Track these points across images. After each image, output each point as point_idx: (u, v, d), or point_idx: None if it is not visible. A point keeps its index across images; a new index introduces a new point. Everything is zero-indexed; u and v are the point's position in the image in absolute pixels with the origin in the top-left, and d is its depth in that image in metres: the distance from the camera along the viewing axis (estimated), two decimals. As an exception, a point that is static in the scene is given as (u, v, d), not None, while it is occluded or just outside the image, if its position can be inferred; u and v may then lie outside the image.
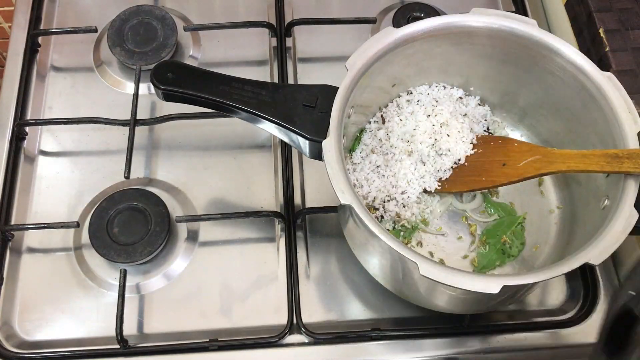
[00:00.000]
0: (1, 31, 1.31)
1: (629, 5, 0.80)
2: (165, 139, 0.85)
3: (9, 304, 0.74)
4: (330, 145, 0.61)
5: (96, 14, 0.95)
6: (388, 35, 0.67)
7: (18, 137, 0.83)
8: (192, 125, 0.85)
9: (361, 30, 0.92)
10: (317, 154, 0.65)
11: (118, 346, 0.71)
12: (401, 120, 0.74)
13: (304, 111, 0.65)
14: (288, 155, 0.82)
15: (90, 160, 0.83)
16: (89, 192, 0.81)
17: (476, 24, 0.68)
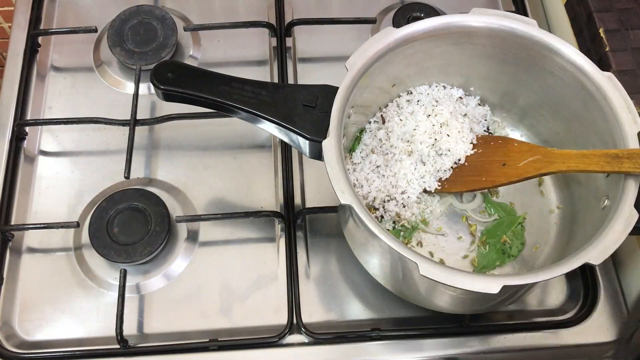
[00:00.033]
0: (1, 31, 1.31)
1: (629, 5, 0.80)
2: (165, 139, 0.85)
3: (9, 304, 0.74)
4: (330, 145, 0.61)
5: (96, 14, 0.95)
6: (388, 35, 0.67)
7: (18, 137, 0.83)
8: (192, 125, 0.85)
9: (361, 30, 0.92)
10: (317, 154, 0.65)
11: (118, 346, 0.71)
12: (401, 120, 0.74)
13: (304, 111, 0.65)
14: (288, 155, 0.82)
15: (90, 160, 0.83)
16: (89, 192, 0.81)
17: (476, 24, 0.68)
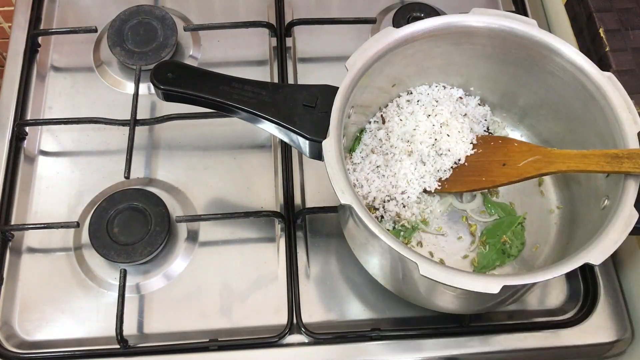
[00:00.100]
0: (1, 31, 1.31)
1: (629, 5, 0.80)
2: (165, 139, 0.85)
3: (9, 304, 0.74)
4: (330, 145, 0.61)
5: (96, 14, 0.95)
6: (388, 35, 0.67)
7: (18, 137, 0.83)
8: (192, 125, 0.85)
9: (361, 30, 0.92)
10: (317, 154, 0.65)
11: (118, 346, 0.71)
12: (401, 120, 0.74)
13: (304, 111, 0.65)
14: (288, 155, 0.82)
15: (90, 160, 0.83)
16: (89, 192, 0.81)
17: (476, 24, 0.68)
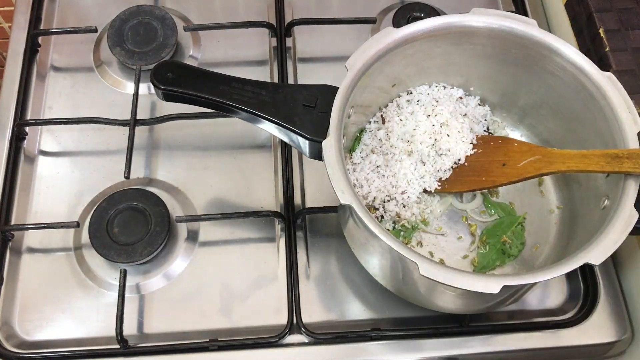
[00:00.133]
0: (1, 31, 1.31)
1: (629, 5, 0.80)
2: (165, 139, 0.85)
3: (9, 304, 0.74)
4: (330, 145, 0.61)
5: (96, 14, 0.95)
6: (388, 35, 0.67)
7: (18, 137, 0.83)
8: (192, 125, 0.84)
9: (361, 30, 0.92)
10: (317, 154, 0.65)
11: (118, 346, 0.71)
12: (401, 120, 0.74)
13: (304, 111, 0.65)
14: (288, 155, 0.82)
15: (90, 160, 0.83)
16: (89, 192, 0.81)
17: (476, 24, 0.68)
